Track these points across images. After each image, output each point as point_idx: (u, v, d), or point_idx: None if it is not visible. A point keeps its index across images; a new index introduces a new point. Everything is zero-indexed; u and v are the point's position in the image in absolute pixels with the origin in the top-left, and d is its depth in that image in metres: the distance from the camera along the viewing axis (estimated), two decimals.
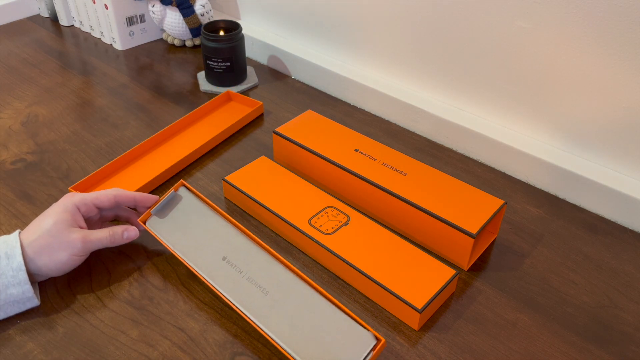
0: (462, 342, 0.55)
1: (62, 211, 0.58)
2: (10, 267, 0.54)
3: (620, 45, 0.64)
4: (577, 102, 0.71)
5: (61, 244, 0.56)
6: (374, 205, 0.69)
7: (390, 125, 0.89)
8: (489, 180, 0.77)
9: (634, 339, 0.56)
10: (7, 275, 0.53)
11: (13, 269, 0.54)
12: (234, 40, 0.93)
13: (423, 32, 0.82)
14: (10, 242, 0.55)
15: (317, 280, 0.62)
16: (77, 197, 0.59)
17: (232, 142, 0.84)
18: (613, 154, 0.71)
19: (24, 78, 1.00)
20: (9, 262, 0.54)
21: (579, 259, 0.65)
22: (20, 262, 0.54)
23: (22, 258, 0.54)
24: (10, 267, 0.54)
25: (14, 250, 0.54)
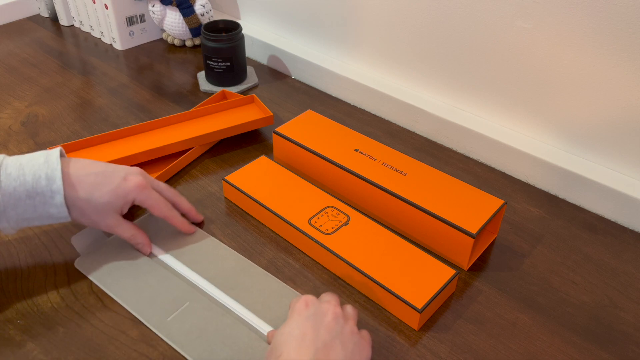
0: (462, 342, 0.55)
1: (122, 196, 0.58)
2: (50, 189, 0.55)
3: (620, 45, 0.64)
4: (577, 102, 0.71)
5: (92, 219, 0.58)
6: (374, 205, 0.69)
7: (390, 125, 0.89)
8: (489, 180, 0.77)
9: (634, 339, 0.56)
10: (46, 196, 0.55)
11: (52, 190, 0.55)
12: (234, 40, 0.93)
13: (423, 32, 0.82)
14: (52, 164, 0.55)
15: (317, 280, 0.62)
16: (142, 196, 0.59)
17: (232, 142, 0.83)
18: (613, 154, 0.71)
19: (24, 78, 1.00)
20: (48, 183, 0.55)
21: (579, 258, 0.65)
22: (59, 185, 0.55)
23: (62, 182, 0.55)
24: (49, 189, 0.55)
25: (54, 173, 0.55)
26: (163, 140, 0.79)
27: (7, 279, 0.61)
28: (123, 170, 0.59)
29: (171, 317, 0.56)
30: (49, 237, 0.66)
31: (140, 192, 0.59)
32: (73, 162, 0.58)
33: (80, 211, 0.57)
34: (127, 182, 0.58)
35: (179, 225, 0.64)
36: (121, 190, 0.58)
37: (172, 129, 0.83)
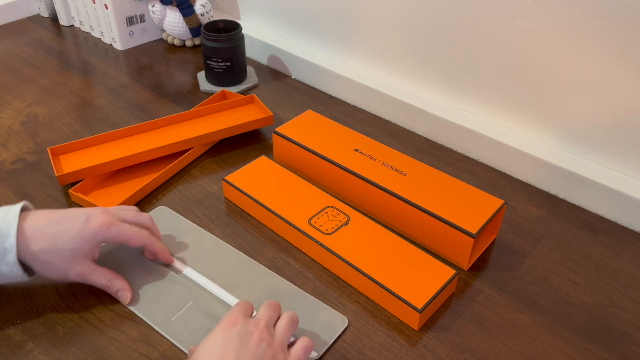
0: (462, 342, 0.55)
1: (87, 239, 0.54)
2: (3, 247, 0.51)
3: (620, 45, 0.64)
4: (577, 101, 0.71)
5: (60, 269, 0.54)
6: (374, 205, 0.69)
7: (390, 125, 0.89)
8: (489, 180, 0.77)
9: (634, 339, 0.56)
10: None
11: (5, 248, 0.51)
12: (234, 40, 0.93)
13: (423, 32, 0.82)
14: (8, 220, 0.52)
15: (317, 280, 0.62)
16: (111, 234, 0.55)
17: (232, 142, 0.83)
18: (613, 154, 0.71)
19: (24, 78, 1.00)
20: (1, 241, 0.51)
21: (579, 259, 0.65)
22: (12, 243, 0.52)
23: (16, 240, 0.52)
24: (2, 247, 0.52)
25: (9, 229, 0.52)
26: (163, 140, 0.79)
27: None
28: (84, 212, 0.56)
29: (175, 316, 0.56)
30: None
31: (107, 231, 0.55)
32: (31, 215, 0.54)
33: (46, 264, 0.54)
34: (90, 223, 0.54)
35: (159, 253, 0.60)
36: (85, 234, 0.54)
37: (172, 129, 0.83)
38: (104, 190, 0.73)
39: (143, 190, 0.72)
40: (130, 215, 0.59)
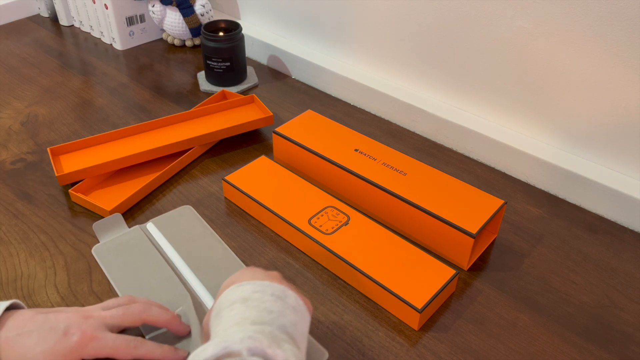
0: (462, 342, 0.55)
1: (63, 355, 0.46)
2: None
3: (620, 45, 0.64)
4: (577, 101, 0.71)
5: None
6: (374, 205, 0.69)
7: (390, 125, 0.89)
8: (489, 180, 0.77)
9: (634, 339, 0.56)
10: None
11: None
12: (234, 40, 0.93)
13: (423, 32, 0.82)
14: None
15: (317, 280, 0.62)
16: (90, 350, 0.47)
17: (232, 142, 0.83)
18: (613, 154, 0.71)
19: (24, 78, 1.00)
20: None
21: (579, 259, 0.65)
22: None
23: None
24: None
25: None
26: (163, 140, 0.79)
27: (7, 279, 0.61)
28: (63, 322, 0.47)
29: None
30: (49, 237, 0.66)
31: (87, 346, 0.47)
32: (12, 318, 0.47)
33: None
34: (67, 337, 0.47)
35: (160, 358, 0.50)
36: (60, 349, 0.46)
37: (172, 129, 0.83)
38: (104, 190, 0.73)
39: (143, 190, 0.72)
40: (118, 314, 0.50)
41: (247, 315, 0.40)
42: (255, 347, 0.37)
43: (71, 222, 0.68)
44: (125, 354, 0.49)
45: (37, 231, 0.67)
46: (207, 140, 0.79)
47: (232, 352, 0.37)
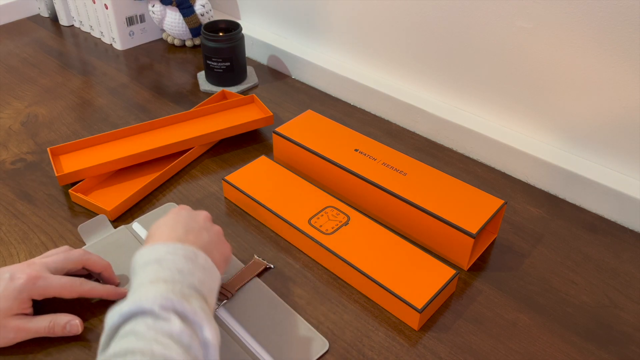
0: (462, 342, 0.55)
1: (13, 298, 0.51)
2: None
3: (620, 45, 0.64)
4: (577, 101, 0.71)
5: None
6: (374, 205, 0.69)
7: (390, 125, 0.89)
8: (489, 180, 0.77)
9: (634, 339, 0.56)
10: None
11: None
12: (234, 40, 0.93)
13: (423, 32, 0.82)
14: None
15: (317, 280, 0.62)
16: (38, 289, 0.52)
17: (232, 142, 0.83)
18: (613, 154, 0.71)
19: (24, 78, 1.00)
20: None
21: (579, 259, 0.65)
22: None
23: None
24: None
25: None
26: (163, 140, 0.79)
27: None
28: (9, 271, 0.52)
29: None
30: (49, 237, 0.66)
31: (35, 285, 0.52)
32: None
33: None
34: (14, 281, 0.51)
35: (104, 296, 0.57)
36: (10, 292, 0.51)
37: (172, 129, 0.83)
38: (104, 190, 0.73)
39: (143, 190, 0.72)
40: (59, 259, 0.55)
41: (160, 275, 0.45)
42: (167, 305, 0.42)
43: (71, 222, 0.68)
44: (71, 291, 0.54)
45: (37, 231, 0.67)
46: (207, 140, 0.79)
47: (146, 310, 0.41)
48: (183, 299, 0.43)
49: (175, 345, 0.39)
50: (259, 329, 0.55)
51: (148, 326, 0.40)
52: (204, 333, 0.42)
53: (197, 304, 0.43)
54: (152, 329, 0.40)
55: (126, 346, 0.39)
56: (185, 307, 0.42)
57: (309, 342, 0.54)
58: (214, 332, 0.43)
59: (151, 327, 0.40)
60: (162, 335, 0.40)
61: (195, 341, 0.41)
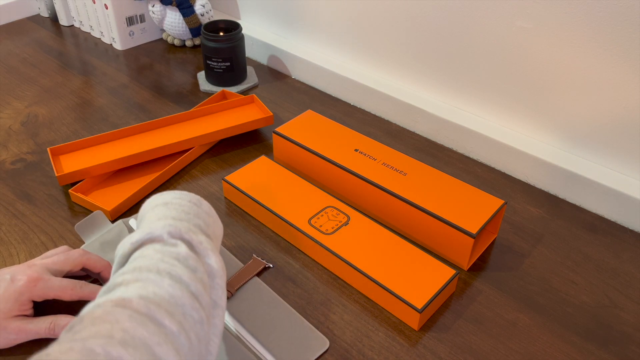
0: (462, 342, 0.55)
1: (14, 300, 0.51)
2: None
3: (620, 45, 0.64)
4: (577, 101, 0.71)
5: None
6: (374, 205, 0.69)
7: (390, 125, 0.89)
8: (489, 180, 0.77)
9: (634, 339, 0.56)
10: None
11: None
12: (234, 40, 0.93)
13: (423, 32, 0.82)
14: None
15: (317, 280, 0.62)
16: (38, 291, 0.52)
17: (232, 142, 0.83)
18: (613, 154, 0.71)
19: (24, 78, 1.00)
20: None
21: (579, 259, 0.65)
22: None
23: None
24: None
25: None
26: (163, 140, 0.79)
27: None
28: (9, 273, 0.52)
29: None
30: (49, 237, 0.66)
31: (35, 287, 0.51)
32: None
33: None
34: (14, 282, 0.51)
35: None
36: (11, 293, 0.51)
37: (172, 129, 0.83)
38: (104, 190, 0.73)
39: (143, 190, 0.72)
40: (59, 260, 0.55)
41: (168, 214, 0.47)
42: (174, 232, 0.44)
43: (71, 222, 0.68)
44: (72, 294, 0.53)
45: (37, 231, 0.67)
46: (207, 140, 0.79)
47: (155, 237, 0.44)
48: (191, 231, 0.45)
49: (181, 265, 0.42)
50: (259, 327, 0.55)
51: (156, 250, 0.43)
52: (210, 261, 0.44)
53: (203, 237, 0.46)
54: (160, 252, 0.42)
55: (134, 265, 0.41)
56: (192, 237, 0.45)
57: (310, 340, 0.54)
58: (219, 261, 0.45)
59: (159, 251, 0.42)
60: (168, 256, 0.42)
61: (200, 267, 0.43)
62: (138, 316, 0.36)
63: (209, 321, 0.41)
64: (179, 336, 0.37)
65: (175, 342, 0.37)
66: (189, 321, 0.39)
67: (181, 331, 0.38)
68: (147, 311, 0.37)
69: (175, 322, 0.37)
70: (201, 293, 0.41)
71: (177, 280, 0.40)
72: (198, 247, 0.45)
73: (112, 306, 0.37)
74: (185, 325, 0.38)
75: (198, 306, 0.40)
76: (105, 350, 0.33)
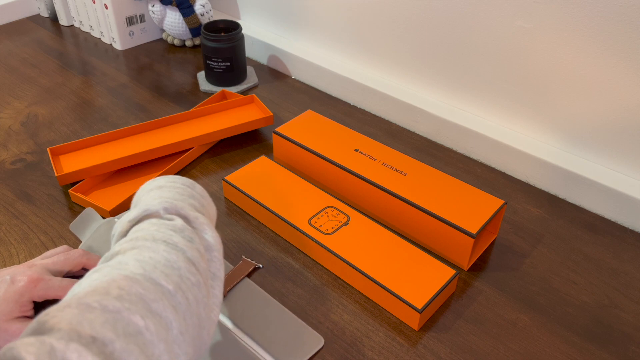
0: (462, 342, 0.55)
1: (14, 301, 0.50)
2: None
3: (620, 45, 0.64)
4: (577, 101, 0.71)
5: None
6: (374, 205, 0.69)
7: (390, 125, 0.89)
8: (489, 180, 0.77)
9: (634, 339, 0.56)
10: None
11: None
12: (234, 40, 0.93)
13: (423, 32, 0.82)
14: None
15: (317, 280, 0.62)
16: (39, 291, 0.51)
17: (232, 142, 0.83)
18: (613, 154, 0.71)
19: (24, 78, 1.00)
20: None
21: (579, 259, 0.65)
22: None
23: None
24: None
25: None
26: (163, 140, 0.79)
27: None
28: (9, 273, 0.52)
29: None
30: (49, 237, 0.66)
31: (35, 288, 0.51)
32: None
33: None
34: (15, 283, 0.51)
35: None
36: (11, 294, 0.50)
37: (172, 129, 0.83)
38: (104, 190, 0.73)
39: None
40: (60, 260, 0.55)
41: (163, 195, 0.48)
42: (170, 208, 0.45)
43: (71, 222, 0.68)
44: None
45: (37, 231, 0.67)
46: (207, 140, 0.79)
47: (151, 212, 0.44)
48: (186, 207, 0.46)
49: (178, 235, 0.42)
50: (253, 327, 0.55)
51: (152, 223, 0.43)
52: (206, 236, 0.45)
53: (199, 215, 0.46)
54: (155, 224, 0.43)
55: (130, 237, 0.42)
56: (189, 212, 0.45)
57: (304, 338, 0.55)
58: (216, 236, 0.45)
59: (154, 224, 0.43)
60: (165, 227, 0.42)
61: (197, 238, 0.43)
62: (134, 276, 0.37)
63: (206, 286, 0.42)
64: (175, 294, 0.38)
65: (172, 300, 0.38)
66: (186, 283, 0.39)
67: (177, 290, 0.38)
68: (142, 272, 0.37)
69: (171, 282, 0.38)
70: (198, 260, 0.42)
71: (173, 247, 0.41)
72: (194, 222, 0.45)
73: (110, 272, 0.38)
74: (182, 286, 0.39)
75: (195, 270, 0.41)
76: (101, 305, 0.33)
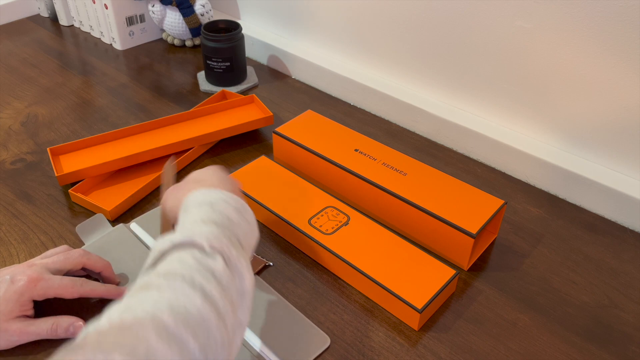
0: (462, 342, 0.55)
1: (14, 300, 0.51)
2: None
3: (620, 45, 0.64)
4: (577, 101, 0.71)
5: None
6: (374, 205, 0.69)
7: (390, 125, 0.89)
8: (489, 180, 0.77)
9: (634, 339, 0.56)
10: None
11: None
12: (234, 40, 0.93)
13: (423, 32, 0.82)
14: None
15: (317, 280, 0.62)
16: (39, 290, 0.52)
17: (232, 142, 0.83)
18: (613, 154, 0.71)
19: (24, 78, 1.00)
20: None
21: (579, 259, 0.65)
22: None
23: None
24: None
25: None
26: (163, 140, 0.79)
27: None
28: (9, 273, 0.52)
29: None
30: (49, 237, 0.66)
31: (35, 287, 0.51)
32: None
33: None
34: (15, 283, 0.51)
35: (105, 295, 0.56)
36: (11, 295, 0.51)
37: (172, 129, 0.83)
38: (104, 190, 0.73)
39: (143, 190, 0.72)
40: (59, 259, 0.55)
41: (212, 217, 0.46)
42: (215, 244, 0.43)
43: (71, 222, 0.68)
44: (72, 292, 0.54)
45: (37, 231, 0.67)
46: (207, 140, 0.79)
47: (196, 243, 0.43)
48: (231, 245, 0.44)
49: (215, 281, 0.41)
50: (260, 325, 0.55)
51: (194, 257, 0.42)
52: (244, 283, 0.44)
53: (241, 253, 0.45)
54: (198, 261, 0.41)
55: (170, 267, 0.40)
56: (232, 252, 0.44)
57: (311, 338, 0.55)
58: (252, 282, 0.45)
59: (197, 259, 0.41)
60: (205, 269, 0.41)
61: (233, 286, 0.42)
62: (165, 334, 0.35)
63: (230, 343, 0.41)
64: (198, 356, 0.37)
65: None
66: (212, 344, 0.38)
67: (202, 351, 0.37)
68: (175, 330, 0.36)
69: (198, 343, 0.37)
70: (228, 314, 0.41)
71: (209, 298, 0.39)
72: (235, 264, 0.44)
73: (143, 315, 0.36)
74: (207, 348, 0.38)
75: (223, 328, 0.39)
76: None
